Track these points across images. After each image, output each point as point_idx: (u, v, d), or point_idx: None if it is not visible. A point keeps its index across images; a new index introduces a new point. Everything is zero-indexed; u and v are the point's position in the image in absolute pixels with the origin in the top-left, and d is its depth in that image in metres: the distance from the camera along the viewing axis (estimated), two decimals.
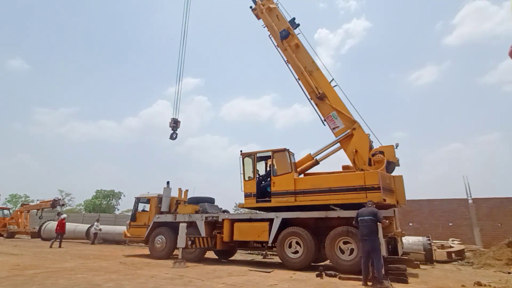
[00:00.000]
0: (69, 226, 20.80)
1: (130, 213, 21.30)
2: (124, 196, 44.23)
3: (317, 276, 7.48)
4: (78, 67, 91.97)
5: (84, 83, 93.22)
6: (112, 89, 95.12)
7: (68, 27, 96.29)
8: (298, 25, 11.50)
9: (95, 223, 18.96)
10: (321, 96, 10.45)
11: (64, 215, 17.56)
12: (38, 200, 23.97)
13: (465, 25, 64.57)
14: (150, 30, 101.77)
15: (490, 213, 17.78)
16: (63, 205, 24.72)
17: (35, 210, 23.85)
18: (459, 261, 13.21)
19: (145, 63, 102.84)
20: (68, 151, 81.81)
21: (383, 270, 6.58)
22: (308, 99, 10.86)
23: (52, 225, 20.63)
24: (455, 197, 19.17)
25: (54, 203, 22.32)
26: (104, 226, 19.56)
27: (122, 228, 16.73)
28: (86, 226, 20.21)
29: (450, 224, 18.48)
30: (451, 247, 14.23)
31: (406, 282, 6.97)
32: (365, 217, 6.80)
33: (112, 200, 43.59)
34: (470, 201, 18.67)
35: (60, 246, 14.95)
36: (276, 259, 11.71)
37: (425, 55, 73.40)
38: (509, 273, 10.10)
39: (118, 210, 43.21)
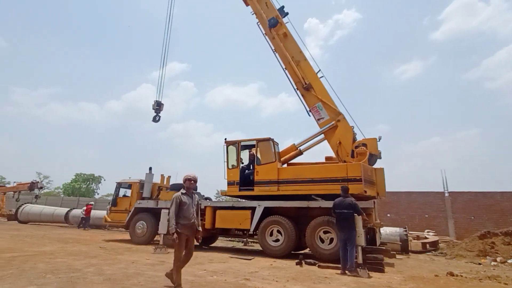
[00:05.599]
0: (47, 209, 20.41)
1: (110, 198, 21.07)
2: (105, 180, 43.61)
3: (296, 264, 7.61)
4: (60, 46, 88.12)
5: (66, 63, 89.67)
6: (95, 70, 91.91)
7: (51, 3, 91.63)
8: (287, 13, 11.33)
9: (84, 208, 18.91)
10: (307, 86, 10.43)
11: (92, 202, 20.25)
12: (14, 182, 23.15)
13: (451, 21, 65.68)
14: (136, 11, 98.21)
15: (465, 206, 18.52)
16: (41, 188, 24.09)
17: (12, 193, 23.15)
18: (433, 252, 13.75)
19: (131, 45, 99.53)
20: (46, 133, 79.19)
21: (360, 259, 6.78)
22: (294, 89, 10.82)
23: (30, 207, 20.20)
24: (432, 190, 19.88)
25: (32, 186, 21.76)
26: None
27: (102, 213, 16.51)
28: (65, 210, 19.80)
29: (426, 216, 19.17)
30: (426, 238, 14.79)
31: (382, 271, 7.20)
32: (343, 211, 6.86)
33: (92, 184, 42.80)
34: (446, 194, 19.38)
35: (85, 229, 17.12)
36: (257, 247, 11.83)
37: (411, 50, 74.54)
38: (479, 264, 10.60)
39: (98, 194, 42.63)
